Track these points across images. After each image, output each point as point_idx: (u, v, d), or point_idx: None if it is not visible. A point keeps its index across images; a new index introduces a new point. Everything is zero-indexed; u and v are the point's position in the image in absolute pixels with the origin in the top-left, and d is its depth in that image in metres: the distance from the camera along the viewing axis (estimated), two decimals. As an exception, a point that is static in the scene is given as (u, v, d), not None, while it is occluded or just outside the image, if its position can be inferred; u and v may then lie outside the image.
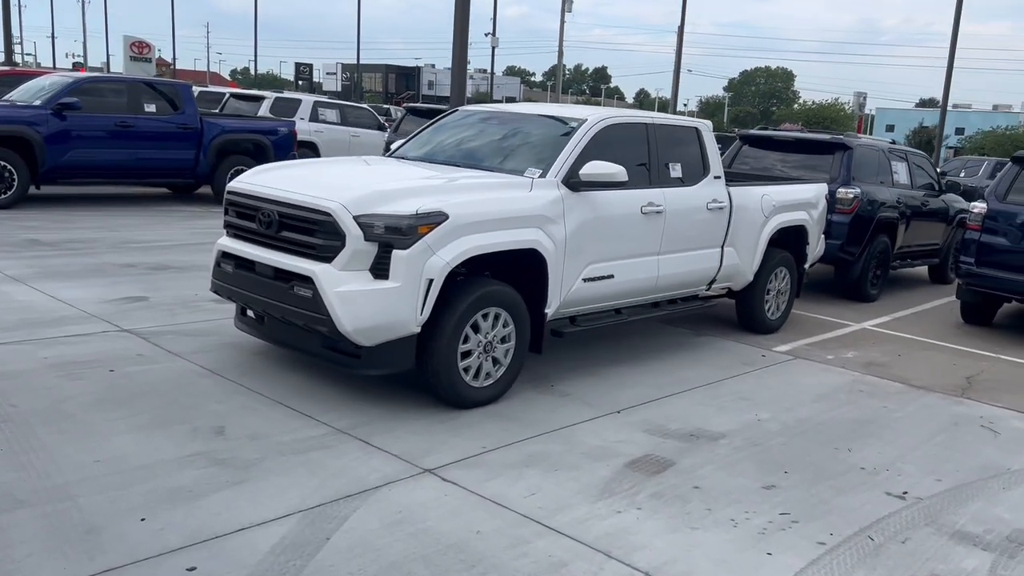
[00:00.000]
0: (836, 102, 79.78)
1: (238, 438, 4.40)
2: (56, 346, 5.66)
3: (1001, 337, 8.54)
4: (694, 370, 6.40)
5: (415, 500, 3.86)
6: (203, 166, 13.08)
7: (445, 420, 4.89)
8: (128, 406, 4.70)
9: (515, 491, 4.04)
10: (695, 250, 6.66)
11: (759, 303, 7.58)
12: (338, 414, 4.83)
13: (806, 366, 6.82)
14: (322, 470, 4.10)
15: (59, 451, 4.06)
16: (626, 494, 4.11)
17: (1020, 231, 8.15)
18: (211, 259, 5.50)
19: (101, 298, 7.01)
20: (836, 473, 4.61)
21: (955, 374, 6.97)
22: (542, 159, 5.67)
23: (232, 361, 5.64)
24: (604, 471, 4.36)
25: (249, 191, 5.14)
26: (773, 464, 4.66)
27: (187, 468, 4.00)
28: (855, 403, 5.92)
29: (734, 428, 5.18)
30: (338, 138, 17.88)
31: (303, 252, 4.82)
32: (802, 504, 4.17)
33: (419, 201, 4.74)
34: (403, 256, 4.63)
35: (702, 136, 6.87)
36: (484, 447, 4.54)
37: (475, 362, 5.05)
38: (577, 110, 6.36)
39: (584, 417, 5.14)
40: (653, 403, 5.53)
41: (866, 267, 9.62)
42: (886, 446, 5.10)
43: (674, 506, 4.03)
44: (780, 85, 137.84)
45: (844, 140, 9.59)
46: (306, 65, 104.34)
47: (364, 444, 4.45)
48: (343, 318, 4.61)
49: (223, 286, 5.35)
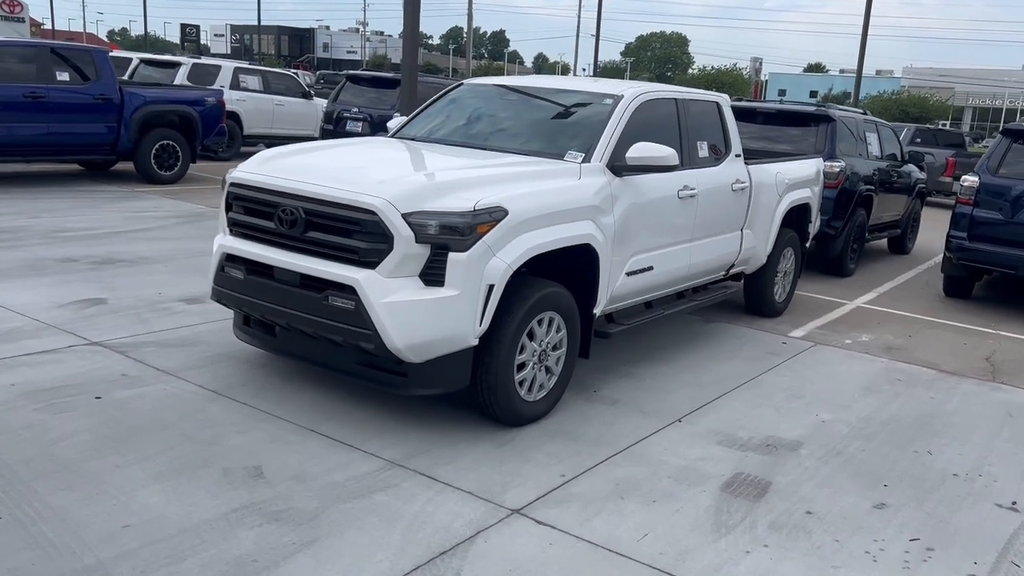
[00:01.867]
0: (735, 67, 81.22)
1: (282, 481, 3.72)
2: (19, 368, 4.78)
3: (985, 310, 8.50)
4: (726, 364, 6.00)
5: (521, 553, 3.30)
6: (124, 141, 11.87)
7: (503, 443, 4.32)
8: (134, 446, 3.94)
9: (624, 533, 3.52)
10: (721, 235, 6.24)
11: (769, 286, 7.24)
12: (382, 441, 4.20)
13: (831, 353, 6.52)
14: (398, 520, 3.48)
15: (74, 516, 3.30)
16: (743, 528, 3.65)
17: (1013, 205, 8.08)
18: (211, 261, 4.71)
19: (51, 302, 6.07)
20: (934, 484, 4.28)
21: (972, 355, 6.81)
22: (580, 141, 5.09)
23: (234, 378, 4.89)
24: (704, 499, 3.89)
25: (263, 183, 4.37)
26: (867, 476, 4.30)
27: (239, 528, 3.31)
28: (902, 395, 5.64)
29: (804, 434, 4.80)
30: (262, 107, 16.71)
31: (338, 256, 4.12)
32: (924, 526, 3.81)
33: (475, 195, 4.10)
34: (461, 260, 4.00)
35: (723, 111, 6.41)
36: (563, 476, 4.00)
37: (530, 374, 4.49)
38: (603, 84, 5.78)
39: (647, 429, 4.65)
40: (707, 407, 5.09)
41: (847, 242, 9.45)
42: (961, 446, 4.82)
43: (800, 539, 3.59)
44: (676, 50, 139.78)
45: (828, 112, 9.33)
46: (192, 26, 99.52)
47: (428, 480, 3.84)
48: (393, 333, 3.96)
49: (230, 295, 4.58)
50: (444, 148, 5.21)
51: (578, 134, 5.18)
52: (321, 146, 5.14)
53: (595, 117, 5.24)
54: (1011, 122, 8.87)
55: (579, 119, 5.34)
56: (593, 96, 5.47)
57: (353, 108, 12.81)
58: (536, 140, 5.24)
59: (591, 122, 5.21)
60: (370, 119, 12.60)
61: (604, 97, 5.39)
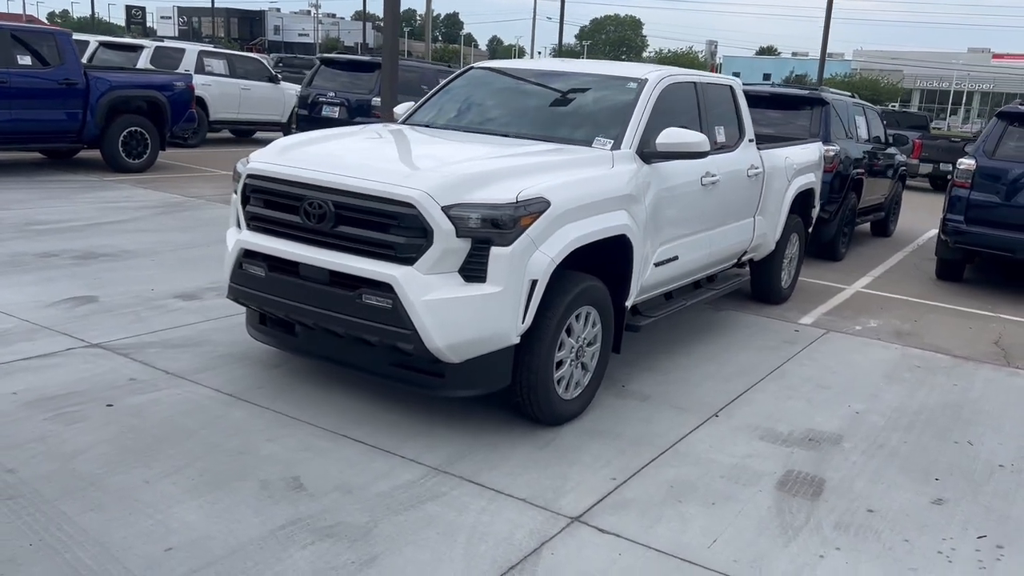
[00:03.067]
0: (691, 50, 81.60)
1: (326, 493, 3.49)
2: (18, 374, 4.46)
3: (979, 293, 8.53)
4: (744, 353, 5.89)
5: (592, 566, 3.13)
6: (91, 127, 11.36)
7: (543, 444, 4.14)
8: (159, 458, 3.68)
9: (691, 539, 3.37)
10: (736, 222, 6.11)
11: (777, 273, 7.16)
12: (418, 446, 3.99)
13: (844, 341, 6.45)
14: (456, 532, 3.28)
15: (111, 539, 3.04)
16: (809, 530, 3.52)
17: (1010, 187, 8.09)
18: (226, 258, 4.43)
19: (39, 300, 5.73)
20: (983, 476, 4.21)
21: (980, 339, 6.81)
22: (607, 127, 4.90)
23: (250, 380, 4.63)
24: (762, 499, 3.76)
25: (288, 175, 4.10)
26: (916, 470, 4.21)
27: (291, 547, 3.09)
28: (925, 383, 5.58)
29: (842, 426, 4.70)
30: (228, 92, 16.19)
31: (372, 252, 3.88)
32: (986, 521, 3.73)
33: (515, 185, 3.90)
34: (504, 254, 3.79)
35: (736, 95, 6.28)
36: (614, 479, 3.83)
37: (567, 371, 4.31)
38: (622, 67, 5.58)
39: (686, 426, 4.51)
40: (739, 401, 4.97)
41: (840, 226, 9.43)
42: (998, 435, 4.76)
43: (869, 540, 3.48)
44: (630, 33, 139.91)
45: (821, 95, 9.26)
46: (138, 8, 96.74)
47: (477, 487, 3.65)
48: (433, 332, 3.74)
49: (250, 293, 4.31)
50: (466, 136, 4.97)
51: (604, 120, 4.99)
52: (339, 134, 4.87)
53: (620, 102, 5.06)
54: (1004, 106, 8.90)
55: (603, 104, 5.14)
56: (615, 80, 5.28)
57: (329, 92, 12.45)
58: (560, 126, 5.04)
59: (617, 107, 5.03)
60: (347, 104, 12.26)
61: (628, 81, 5.20)
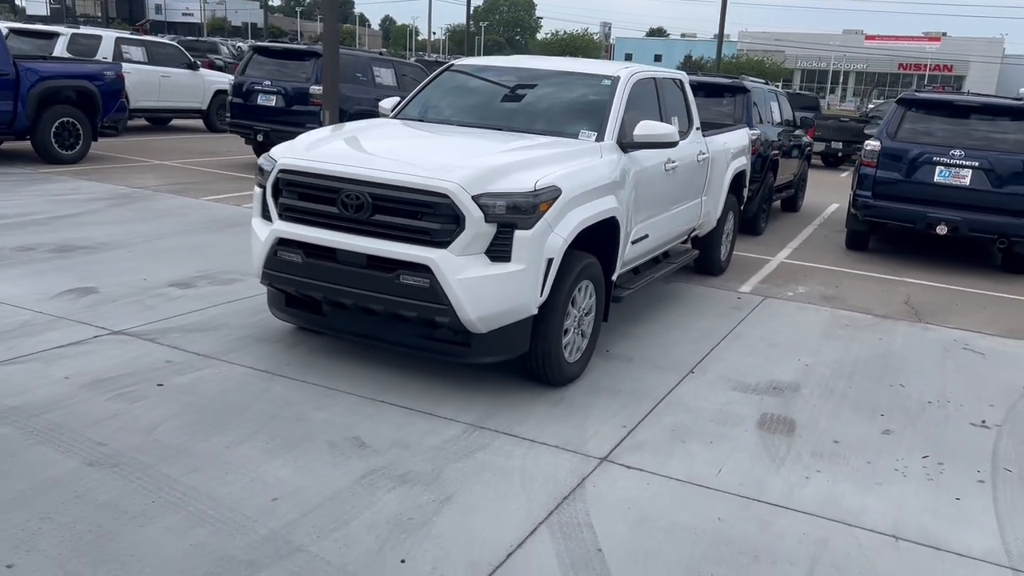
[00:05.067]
0: (586, 32, 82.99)
1: (387, 449, 4.00)
2: (61, 360, 4.76)
3: (884, 260, 9.59)
4: (703, 319, 6.63)
5: (628, 494, 3.76)
6: (22, 119, 11.22)
7: (556, 402, 4.74)
8: (228, 428, 4.10)
9: (701, 470, 4.05)
10: (689, 202, 6.83)
11: (717, 247, 7.94)
12: (451, 407, 4.53)
13: (781, 306, 7.29)
14: (510, 474, 3.85)
15: (220, 493, 3.48)
16: (793, 458, 4.26)
17: (910, 165, 9.13)
18: (258, 247, 4.82)
19: (39, 293, 5.94)
20: (918, 411, 5.05)
21: (893, 300, 7.78)
22: (589, 121, 5.51)
23: (277, 358, 5.05)
24: (749, 437, 4.48)
25: (323, 170, 4.53)
26: (864, 408, 5.01)
27: (377, 492, 3.60)
28: (856, 339, 6.45)
29: (798, 376, 5.48)
30: (147, 79, 16.00)
31: (408, 238, 4.37)
32: (927, 445, 4.55)
33: (531, 175, 4.46)
34: (527, 236, 4.36)
35: (684, 87, 6.98)
36: (625, 426, 4.47)
37: (571, 338, 4.92)
38: (594, 65, 6.18)
39: (671, 382, 5.20)
40: (708, 359, 5.69)
41: (760, 203, 10.34)
42: (922, 378, 5.64)
43: (840, 464, 4.23)
44: (523, 14, 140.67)
45: (743, 83, 10.12)
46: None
47: (514, 439, 4.22)
48: (468, 307, 4.29)
49: (287, 278, 4.72)
50: (467, 130, 5.48)
51: (585, 114, 5.59)
52: (355, 130, 5.31)
53: (598, 97, 5.67)
54: (903, 93, 9.96)
55: (582, 99, 5.74)
56: (590, 77, 5.88)
57: (265, 81, 12.60)
58: (548, 120, 5.61)
59: (595, 102, 5.63)
60: (284, 92, 12.45)
61: (602, 78, 5.82)
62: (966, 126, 9.16)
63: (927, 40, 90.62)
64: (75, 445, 3.79)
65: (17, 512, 3.24)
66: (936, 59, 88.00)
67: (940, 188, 9.02)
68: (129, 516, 3.26)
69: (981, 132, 9.08)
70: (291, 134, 12.16)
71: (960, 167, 8.95)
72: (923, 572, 3.33)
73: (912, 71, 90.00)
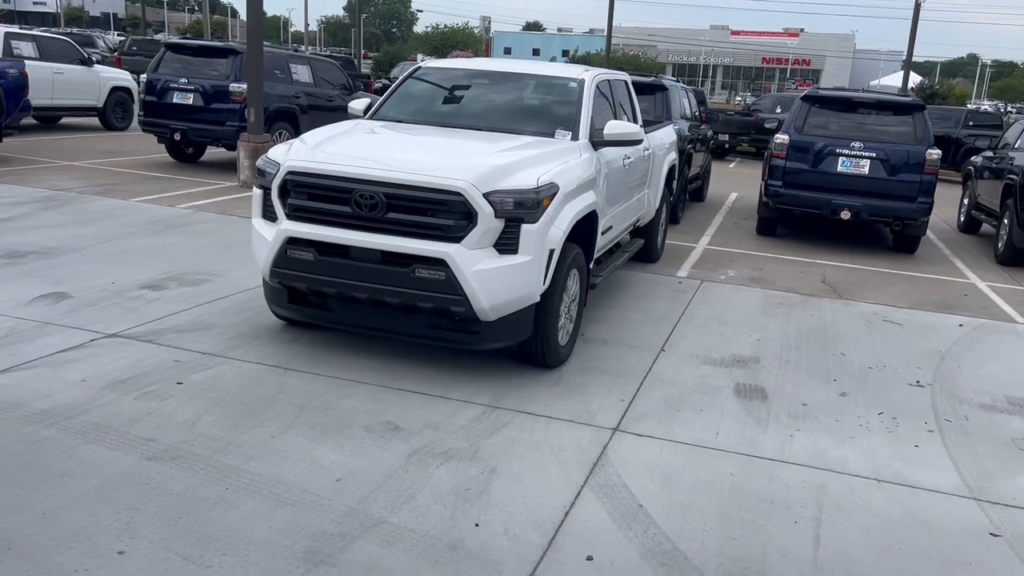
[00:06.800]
0: (467, 26, 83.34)
1: (420, 431, 4.30)
2: (69, 364, 4.81)
3: (794, 244, 10.45)
4: (654, 302, 7.17)
5: (647, 458, 4.20)
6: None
7: (555, 382, 5.14)
8: (264, 419, 4.30)
9: (701, 434, 4.54)
10: (636, 194, 7.35)
11: (655, 236, 8.52)
12: (465, 391, 4.86)
13: (718, 288, 7.93)
14: (539, 446, 4.23)
15: (285, 477, 3.71)
16: (773, 420, 4.81)
17: (816, 157, 10.00)
18: (265, 246, 4.99)
19: (12, 300, 5.87)
20: (863, 375, 5.73)
21: (812, 280, 8.56)
22: (562, 121, 5.92)
23: (282, 353, 5.24)
24: (731, 404, 5.01)
25: (334, 171, 4.75)
26: (818, 375, 5.65)
27: (429, 468, 3.91)
28: (792, 315, 7.14)
29: (754, 350, 6.08)
30: (40, 76, 15.20)
31: (422, 234, 4.66)
32: (880, 403, 5.21)
33: (531, 173, 4.83)
34: (532, 230, 4.73)
35: (629, 87, 7.49)
36: (623, 400, 4.93)
37: (563, 322, 5.33)
38: (560, 68, 6.60)
39: (648, 360, 5.68)
40: (673, 338, 6.22)
41: (679, 194, 11.03)
42: (858, 347, 6.35)
43: (814, 423, 4.82)
44: (399, 6, 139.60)
45: (663, 82, 10.76)
46: None
47: (531, 416, 4.60)
48: (481, 297, 4.63)
49: (297, 275, 4.92)
50: (453, 131, 5.77)
51: (557, 114, 5.99)
52: (349, 131, 5.52)
53: (567, 98, 6.09)
54: (807, 91, 10.82)
55: (553, 101, 6.14)
56: (558, 80, 6.30)
57: (180, 79, 12.39)
58: (524, 121, 5.98)
59: (566, 103, 6.05)
60: (202, 90, 12.28)
61: (568, 80, 6.24)
62: (863, 120, 10.10)
63: (787, 36, 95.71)
64: (125, 442, 3.92)
65: (102, 505, 3.38)
66: (796, 54, 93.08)
67: (843, 177, 9.92)
68: (211, 503, 3.46)
69: (876, 126, 10.04)
70: (211, 132, 12.11)
71: (859, 158, 9.87)
72: (906, 505, 3.92)
73: (775, 65, 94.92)
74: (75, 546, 3.10)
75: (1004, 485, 4.21)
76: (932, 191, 9.77)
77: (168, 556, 3.09)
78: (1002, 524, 3.82)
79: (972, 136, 20.45)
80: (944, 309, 7.73)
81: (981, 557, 3.54)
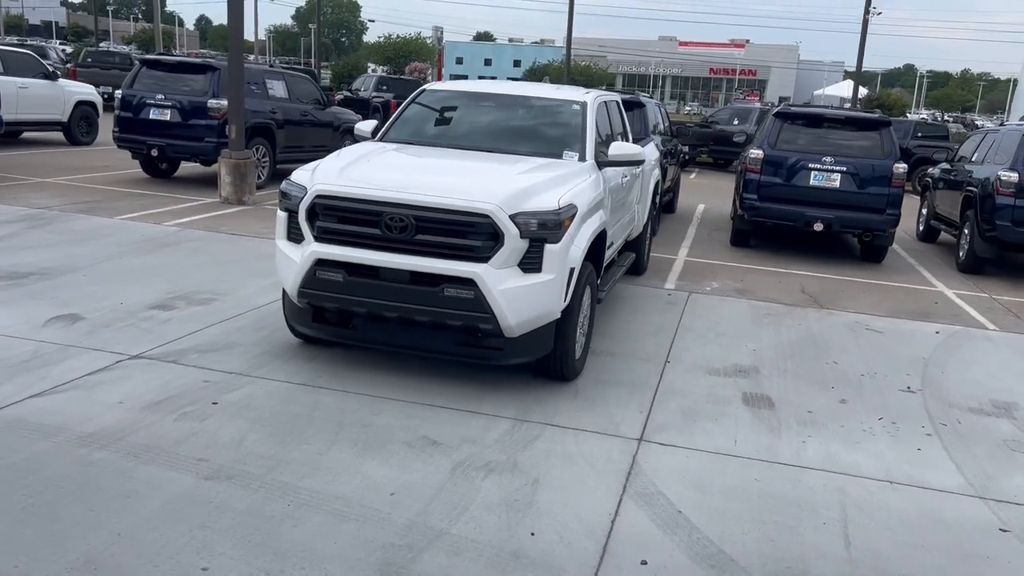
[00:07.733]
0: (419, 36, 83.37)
1: (458, 445, 4.47)
2: (102, 387, 4.87)
3: (768, 255, 10.84)
4: (649, 315, 7.44)
5: (675, 465, 4.44)
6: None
7: (573, 395, 5.35)
8: (306, 437, 4.43)
9: (721, 442, 4.79)
10: (632, 209, 7.62)
11: (643, 249, 8.80)
12: (491, 405, 5.04)
13: (706, 299, 8.23)
14: (573, 456, 4.43)
15: (342, 492, 3.85)
16: (785, 427, 5.09)
17: (789, 171, 10.40)
18: (293, 268, 5.11)
19: (26, 323, 5.89)
20: (857, 382, 6.05)
21: (792, 290, 8.92)
22: (568, 142, 6.15)
23: (308, 372, 5.36)
24: (742, 413, 5.27)
25: (364, 195, 4.90)
26: (817, 383, 5.95)
27: (475, 479, 4.08)
28: (781, 324, 7.47)
29: (754, 360, 6.37)
30: (5, 91, 15.00)
31: (450, 254, 4.84)
32: (878, 408, 5.52)
33: (552, 195, 5.04)
34: (556, 250, 4.94)
35: (620, 106, 7.77)
36: (641, 411, 5.15)
37: (579, 337, 5.54)
38: (562, 91, 6.83)
39: (656, 371, 5.93)
40: (676, 348, 6.47)
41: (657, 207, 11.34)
42: (847, 355, 6.69)
43: (822, 429, 5.11)
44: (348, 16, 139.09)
45: (640, 99, 11.07)
46: None
47: (559, 428, 4.80)
48: (508, 314, 4.83)
49: (326, 295, 5.05)
50: (466, 153, 5.95)
51: (563, 136, 6.23)
52: (369, 153, 5.67)
53: (572, 120, 6.33)
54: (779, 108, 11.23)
55: (558, 122, 6.38)
56: (561, 102, 6.53)
57: (158, 95, 12.35)
58: (532, 143, 6.20)
59: (570, 125, 6.29)
60: (180, 106, 12.26)
61: (571, 103, 6.48)
62: (834, 136, 10.54)
63: (734, 47, 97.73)
64: (178, 463, 4.02)
65: (174, 525, 3.49)
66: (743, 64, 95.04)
67: (815, 190, 10.33)
68: (278, 520, 3.59)
69: (846, 141, 10.48)
70: (189, 148, 12.09)
71: (831, 172, 10.30)
72: (921, 505, 4.22)
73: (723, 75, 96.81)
74: (160, 564, 3.21)
75: (1004, 484, 4.54)
76: (900, 203, 10.23)
77: (252, 571, 3.21)
78: (1009, 520, 4.13)
79: (921, 147, 21.26)
80: (919, 317, 8.13)
81: (996, 551, 3.83)
